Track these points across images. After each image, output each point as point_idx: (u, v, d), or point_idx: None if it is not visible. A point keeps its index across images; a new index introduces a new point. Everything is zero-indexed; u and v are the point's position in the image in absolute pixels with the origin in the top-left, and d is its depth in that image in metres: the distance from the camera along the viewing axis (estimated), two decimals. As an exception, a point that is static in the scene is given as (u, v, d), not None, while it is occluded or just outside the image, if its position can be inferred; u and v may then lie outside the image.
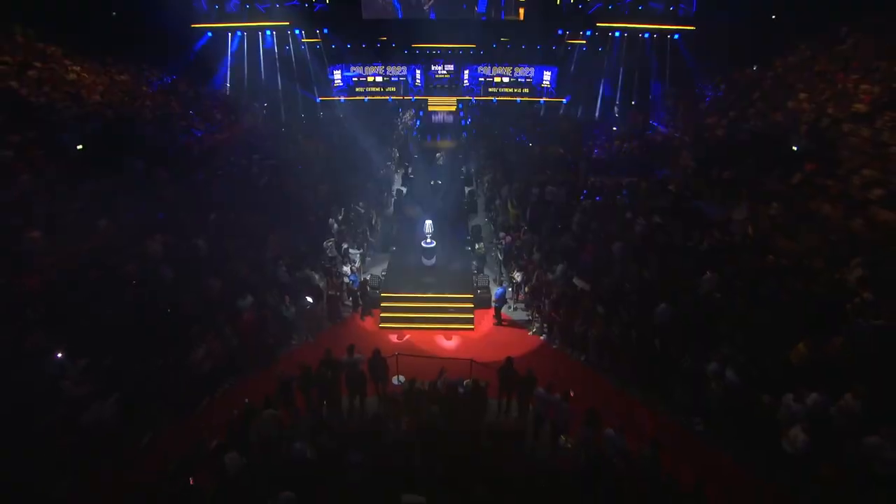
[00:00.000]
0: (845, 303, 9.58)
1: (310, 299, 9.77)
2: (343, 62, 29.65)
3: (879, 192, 13.02)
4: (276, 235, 11.21)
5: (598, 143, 20.69)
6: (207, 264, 10.42)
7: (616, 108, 26.94)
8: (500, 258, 11.98)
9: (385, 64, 29.95)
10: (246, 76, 25.15)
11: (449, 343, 10.23)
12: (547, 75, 30.10)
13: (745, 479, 7.10)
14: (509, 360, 7.87)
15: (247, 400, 7.03)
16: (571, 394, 7.36)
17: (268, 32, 25.16)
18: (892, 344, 8.44)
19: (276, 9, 24.22)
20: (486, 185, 15.30)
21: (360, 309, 10.82)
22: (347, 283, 10.76)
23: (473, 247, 11.46)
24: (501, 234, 12.47)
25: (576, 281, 10.09)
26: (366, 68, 30.04)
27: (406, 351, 8.93)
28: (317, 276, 10.38)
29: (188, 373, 7.69)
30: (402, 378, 7.96)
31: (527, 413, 7.80)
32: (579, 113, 27.22)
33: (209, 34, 24.26)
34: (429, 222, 11.63)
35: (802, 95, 19.60)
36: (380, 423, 6.84)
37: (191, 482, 5.86)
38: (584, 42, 28.31)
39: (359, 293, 10.64)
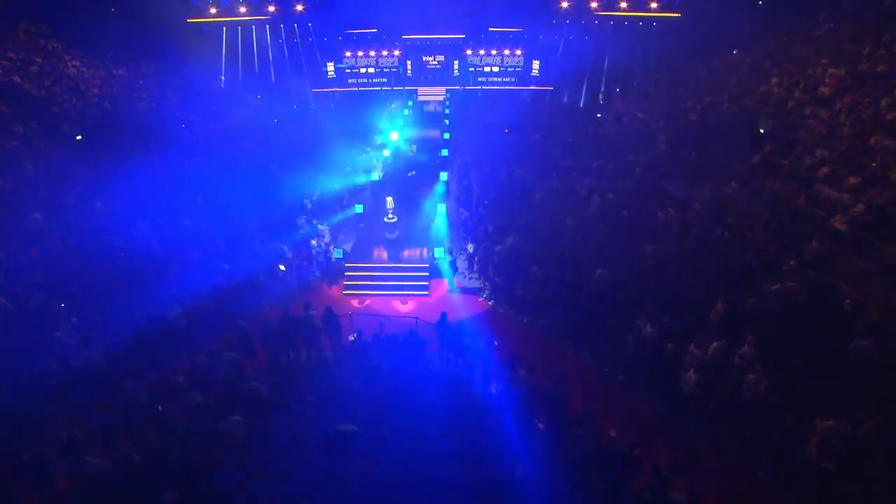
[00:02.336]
0: (769, 268, 10.40)
1: (282, 267, 10.83)
2: (336, 54, 30.50)
3: (825, 170, 13.68)
4: (254, 213, 12.27)
5: (575, 128, 21.38)
6: (192, 239, 11.48)
7: (601, 96, 27.49)
8: (462, 233, 12.93)
9: (377, 55, 30.72)
10: (240, 68, 26.10)
11: (404, 307, 11.22)
12: (535, 64, 30.67)
13: (641, 412, 8.07)
14: (443, 315, 8.86)
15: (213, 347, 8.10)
16: (496, 343, 8.32)
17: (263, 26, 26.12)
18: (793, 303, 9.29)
19: (268, 2, 25.10)
20: (458, 168, 16.19)
21: (327, 278, 11.87)
22: (315, 255, 11.78)
23: (433, 222, 12.41)
24: (460, 210, 13.40)
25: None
26: (358, 60, 30.84)
27: (363, 311, 9.95)
28: (286, 248, 11.43)
29: (169, 329, 8.78)
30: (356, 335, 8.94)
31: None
32: (565, 100, 27.80)
33: (205, 28, 25.25)
34: (389, 199, 12.65)
35: (774, 80, 20.10)
36: (327, 367, 7.87)
37: (159, 408, 6.92)
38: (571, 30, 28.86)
39: (324, 264, 11.67)
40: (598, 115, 25.27)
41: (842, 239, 11.65)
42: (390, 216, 12.54)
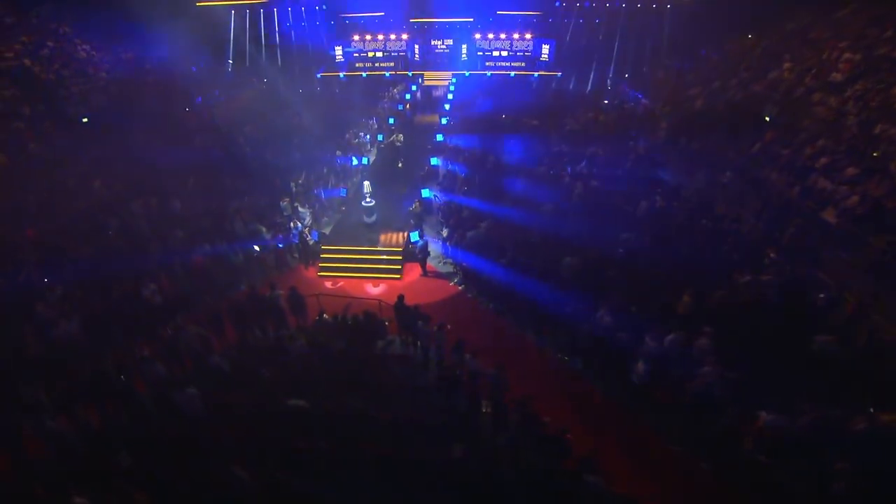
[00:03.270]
0: (747, 260, 10.18)
1: (256, 248, 11.16)
2: (344, 38, 30.49)
3: (825, 160, 13.18)
4: (237, 195, 12.63)
5: (577, 114, 21.00)
6: (179, 219, 11.89)
7: (609, 81, 26.82)
8: (440, 217, 12.99)
9: (385, 39, 30.57)
10: (248, 52, 26.41)
11: (375, 289, 11.42)
12: (545, 48, 29.97)
13: (592, 400, 8.11)
14: (400, 297, 9.04)
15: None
16: (448, 327, 8.43)
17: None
18: (764, 296, 9.10)
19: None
20: (448, 153, 16.15)
21: (305, 260, 12.17)
22: (293, 236, 12.06)
23: (412, 207, 12.52)
24: (441, 194, 13.48)
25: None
26: (366, 43, 30.75)
27: (332, 293, 10.22)
28: (264, 230, 11.73)
29: (143, 304, 9.19)
30: (325, 315, 9.19)
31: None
32: (571, 86, 27.23)
33: (214, 12, 25.55)
34: (367, 183, 12.80)
35: (787, 65, 19.28)
36: (288, 343, 8.17)
37: (122, 378, 7.33)
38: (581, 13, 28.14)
39: (300, 245, 11.94)
40: (605, 102, 24.72)
41: (830, 232, 11.29)
42: (368, 200, 12.71)
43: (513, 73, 29.67)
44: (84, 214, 12.20)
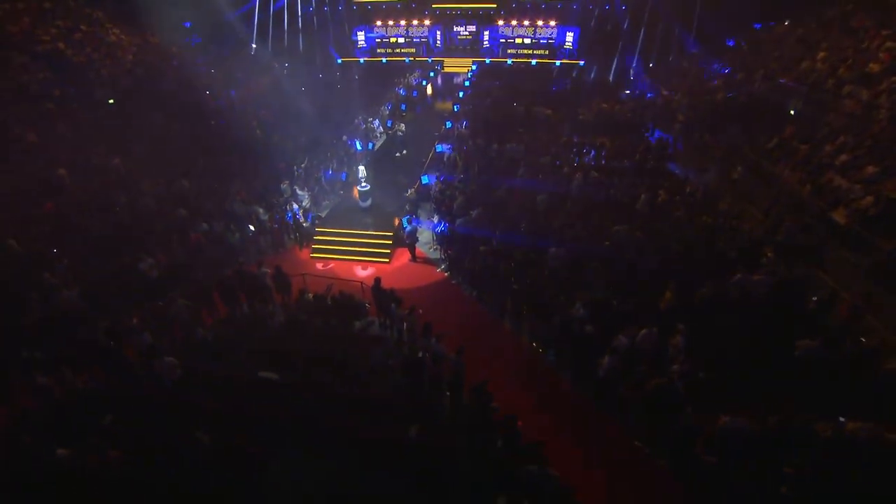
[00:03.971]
0: (743, 258, 9.83)
1: (252, 228, 11.58)
2: (367, 23, 30.66)
3: (845, 158, 12.46)
4: (242, 176, 13.05)
5: (591, 104, 20.49)
6: (185, 198, 12.44)
7: (632, 71, 25.98)
8: (433, 204, 13.06)
9: (408, 24, 30.54)
10: (270, 37, 26.94)
11: (364, 272, 11.64)
12: (569, 36, 29.31)
13: (555, 391, 8.15)
14: (377, 280, 9.22)
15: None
16: (420, 311, 8.55)
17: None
18: (752, 296, 8.80)
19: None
20: (453, 140, 16.11)
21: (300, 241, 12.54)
22: (290, 218, 12.42)
23: (408, 192, 12.62)
24: (438, 181, 13.51)
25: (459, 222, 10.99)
26: (388, 29, 30.82)
27: (318, 274, 10.52)
28: (261, 211, 12.11)
29: (140, 277, 9.75)
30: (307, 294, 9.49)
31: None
32: (592, 75, 26.53)
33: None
34: (361, 168, 12.97)
35: (821, 55, 18.18)
36: (268, 319, 8.52)
37: (111, 344, 7.86)
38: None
39: (294, 227, 12.28)
40: (627, 92, 24.00)
41: (837, 232, 10.74)
42: (363, 184, 12.91)
43: (534, 62, 29.17)
44: (99, 191, 12.90)
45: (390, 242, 12.13)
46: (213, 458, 5.96)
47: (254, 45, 26.72)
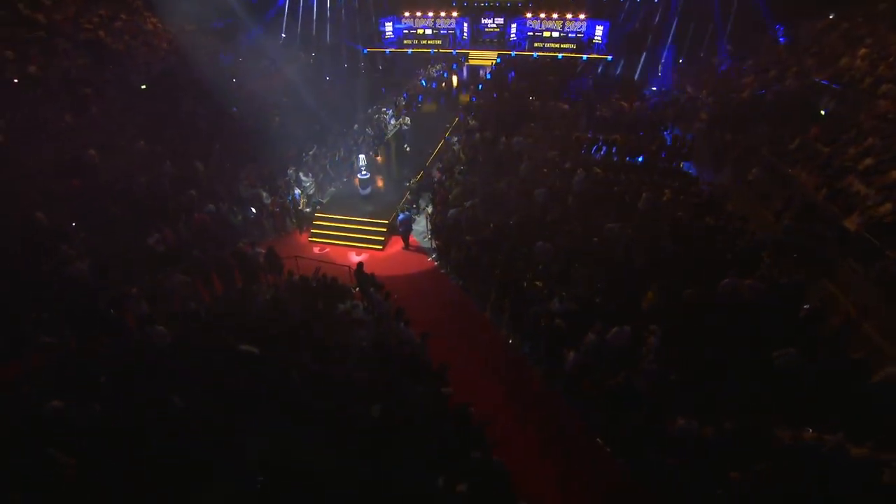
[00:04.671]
0: (739, 262, 9.52)
1: (253, 210, 12.11)
2: (394, 14, 30.87)
3: (869, 162, 11.76)
4: (255, 161, 13.64)
5: (611, 100, 20.01)
6: (197, 180, 13.11)
7: (660, 67, 25.13)
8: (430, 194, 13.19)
9: (435, 16, 30.57)
10: (299, 26, 27.60)
11: (357, 258, 11.90)
12: (599, 30, 28.54)
13: (524, 382, 8.14)
14: (360, 265, 9.47)
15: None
16: (395, 296, 8.74)
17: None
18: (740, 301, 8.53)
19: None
20: (462, 133, 16.13)
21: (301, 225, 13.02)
22: (292, 203, 12.90)
23: (409, 182, 12.80)
24: (438, 171, 13.63)
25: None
26: (416, 20, 30.94)
27: (312, 257, 10.90)
28: (264, 195, 12.61)
29: (148, 251, 10.41)
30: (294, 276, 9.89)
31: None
32: (618, 71, 25.83)
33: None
34: (362, 156, 13.25)
35: (863, 51, 17.07)
36: (255, 296, 8.97)
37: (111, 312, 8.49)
38: (639, -9, 26.40)
39: (294, 211, 12.73)
40: (654, 89, 23.28)
41: (847, 239, 10.20)
42: (363, 173, 13.20)
43: (560, 55, 28.63)
44: (123, 171, 13.73)
45: (385, 230, 12.39)
46: (182, 420, 6.39)
47: (283, 35, 27.44)
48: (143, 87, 19.15)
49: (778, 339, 7.73)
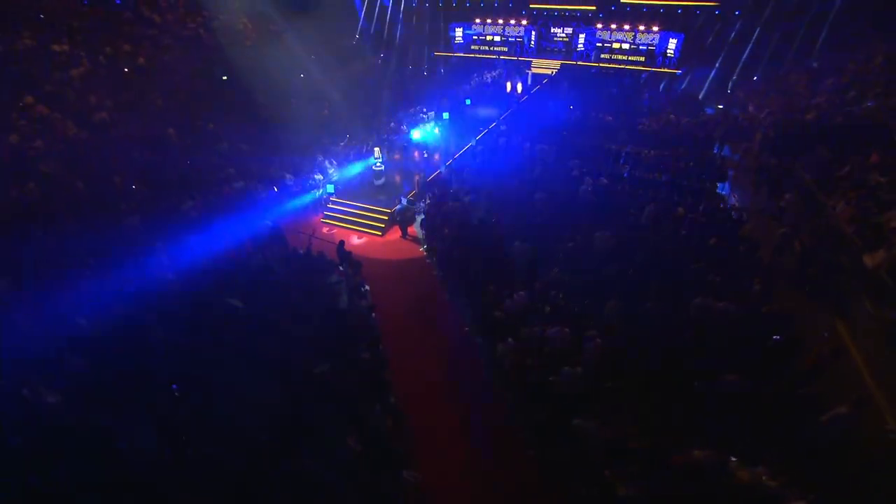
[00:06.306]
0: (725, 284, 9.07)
1: (275, 189, 13.61)
2: (465, 20, 31.92)
3: (921, 197, 10.38)
4: (290, 148, 15.32)
5: (661, 115, 19.25)
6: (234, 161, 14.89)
7: (731, 84, 23.51)
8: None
9: (505, 23, 31.17)
10: (373, 28, 29.62)
11: (357, 241, 12.84)
12: (672, 43, 27.31)
13: (466, 371, 8.54)
14: (341, 242, 10.35)
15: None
16: (366, 287, 9.48)
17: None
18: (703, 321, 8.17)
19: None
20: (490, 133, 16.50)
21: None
22: (312, 186, 14.23)
23: (419, 175, 13.56)
24: (447, 167, 14.17)
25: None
26: (486, 27, 31.74)
27: (316, 235, 12.04)
28: (289, 176, 14.02)
29: (183, 218, 12.20)
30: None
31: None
32: (682, 86, 24.55)
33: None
34: (377, 150, 14.17)
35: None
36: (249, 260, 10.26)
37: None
38: (717, 3, 24.89)
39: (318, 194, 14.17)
40: (720, 106, 21.85)
41: (859, 276, 9.20)
42: (378, 165, 14.15)
43: (625, 68, 27.82)
44: (189, 147, 15.87)
45: (387, 218, 13.24)
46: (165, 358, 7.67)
47: (357, 36, 29.59)
48: (224, 77, 21.86)
49: (736, 364, 7.35)
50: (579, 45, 30.02)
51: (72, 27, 19.15)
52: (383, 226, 13.11)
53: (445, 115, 18.30)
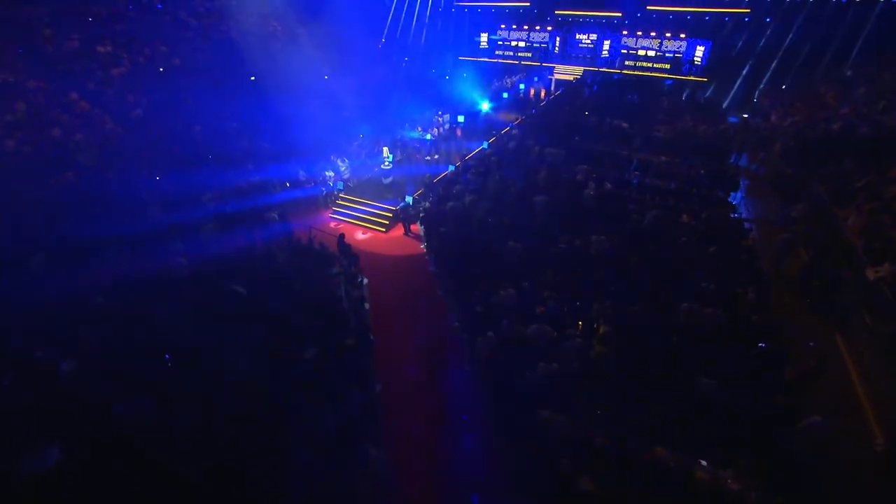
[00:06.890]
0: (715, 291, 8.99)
1: (287, 184, 14.26)
2: (491, 26, 32.20)
3: (935, 210, 10.00)
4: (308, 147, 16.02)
5: (676, 123, 18.95)
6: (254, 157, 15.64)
7: (758, 93, 22.89)
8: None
9: (530, 29, 31.28)
10: (398, 32, 30.30)
11: (361, 236, 13.24)
12: (699, 50, 26.79)
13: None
14: (341, 235, 10.75)
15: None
16: (364, 279, 9.83)
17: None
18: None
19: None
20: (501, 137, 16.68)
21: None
22: (323, 182, 14.80)
23: (426, 176, 13.92)
24: (455, 167, 14.45)
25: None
26: (511, 33, 31.92)
27: (329, 231, 12.52)
28: (301, 172, 14.64)
29: (204, 207, 12.96)
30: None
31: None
32: (706, 94, 24.06)
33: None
34: (385, 148, 14.57)
35: None
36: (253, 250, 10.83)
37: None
38: (748, 11, 24.34)
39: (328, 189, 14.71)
40: (745, 116, 21.32)
41: (858, 287, 8.94)
42: (386, 164, 14.56)
43: (648, 75, 27.44)
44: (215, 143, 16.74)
45: (391, 215, 13.61)
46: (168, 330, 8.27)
47: (383, 39, 30.32)
48: (252, 78, 22.90)
49: (717, 370, 7.33)
50: (604, 52, 29.81)
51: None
52: (387, 223, 13.49)
53: (461, 118, 18.65)
